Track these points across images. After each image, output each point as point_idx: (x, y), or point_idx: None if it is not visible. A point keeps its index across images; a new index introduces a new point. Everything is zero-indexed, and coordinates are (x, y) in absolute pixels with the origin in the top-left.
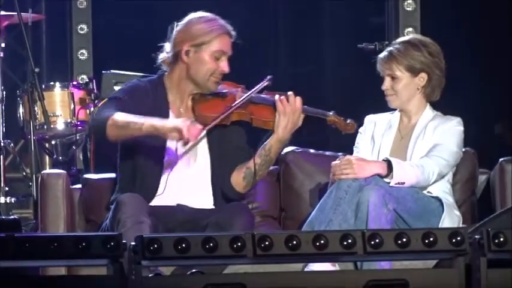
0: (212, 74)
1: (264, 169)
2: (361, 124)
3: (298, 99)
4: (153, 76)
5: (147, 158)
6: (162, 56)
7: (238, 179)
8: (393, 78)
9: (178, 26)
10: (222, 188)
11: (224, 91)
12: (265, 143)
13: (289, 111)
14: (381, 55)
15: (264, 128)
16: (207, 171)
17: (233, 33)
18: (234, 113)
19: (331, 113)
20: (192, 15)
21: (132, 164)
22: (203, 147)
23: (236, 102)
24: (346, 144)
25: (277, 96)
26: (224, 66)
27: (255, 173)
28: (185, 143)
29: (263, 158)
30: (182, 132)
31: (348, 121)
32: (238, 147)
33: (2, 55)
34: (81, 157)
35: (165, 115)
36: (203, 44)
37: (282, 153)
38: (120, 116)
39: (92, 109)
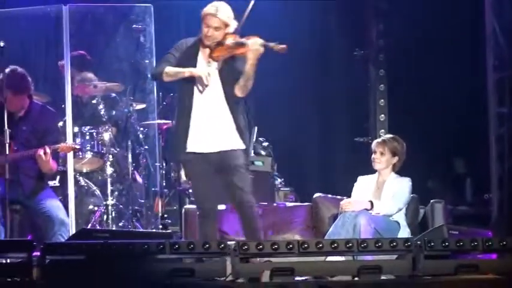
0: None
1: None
2: None
3: (258, 39)
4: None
5: None
6: None
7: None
8: (381, 153)
9: None
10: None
11: None
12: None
13: (255, 48)
14: (376, 140)
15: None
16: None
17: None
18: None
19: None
20: None
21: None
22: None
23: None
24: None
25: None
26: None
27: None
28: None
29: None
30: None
31: (280, 46)
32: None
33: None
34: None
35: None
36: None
37: (314, 196)
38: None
39: None
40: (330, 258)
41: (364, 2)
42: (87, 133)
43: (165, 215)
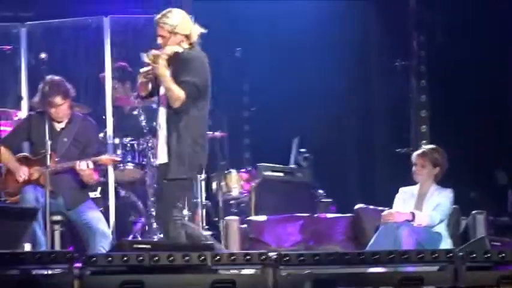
0: None
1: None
2: None
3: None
4: None
5: None
6: None
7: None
8: (422, 166)
9: None
10: None
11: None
12: None
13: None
14: (416, 152)
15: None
16: None
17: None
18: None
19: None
20: None
21: None
22: None
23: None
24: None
25: None
26: None
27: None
28: None
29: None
30: None
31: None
32: None
33: None
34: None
35: None
36: None
37: (355, 207)
38: None
39: (252, 185)
40: (371, 269)
41: (406, 12)
42: (128, 144)
43: (206, 226)
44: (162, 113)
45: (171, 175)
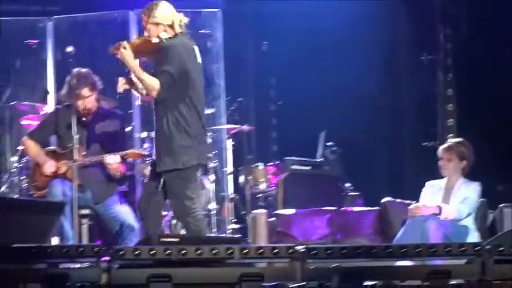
0: None
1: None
2: None
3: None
4: None
5: None
6: None
7: None
8: (448, 160)
9: None
10: None
11: None
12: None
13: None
14: (442, 146)
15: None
16: None
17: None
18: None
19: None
20: None
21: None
22: None
23: None
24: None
25: None
26: None
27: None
28: None
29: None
30: None
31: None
32: None
33: (232, 148)
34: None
35: None
36: None
37: (382, 201)
38: None
39: (280, 178)
40: (399, 263)
41: (432, 6)
42: None
43: (234, 220)
44: (155, 109)
45: (163, 167)
